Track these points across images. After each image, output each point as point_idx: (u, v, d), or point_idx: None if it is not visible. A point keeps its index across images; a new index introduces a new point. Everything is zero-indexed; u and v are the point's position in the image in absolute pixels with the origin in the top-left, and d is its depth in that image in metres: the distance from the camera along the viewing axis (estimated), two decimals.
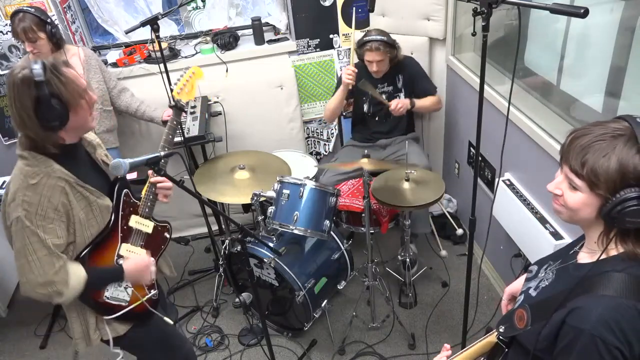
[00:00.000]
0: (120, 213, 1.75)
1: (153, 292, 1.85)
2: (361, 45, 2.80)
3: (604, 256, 1.09)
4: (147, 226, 1.82)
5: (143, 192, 1.81)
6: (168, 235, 1.91)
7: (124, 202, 1.76)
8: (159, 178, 1.79)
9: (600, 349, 0.99)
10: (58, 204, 1.53)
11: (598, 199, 1.04)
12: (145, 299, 1.81)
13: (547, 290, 1.19)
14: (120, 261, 1.75)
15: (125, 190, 1.78)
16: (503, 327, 1.24)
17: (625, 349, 0.99)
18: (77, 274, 1.60)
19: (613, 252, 1.08)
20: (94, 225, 1.65)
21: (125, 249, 1.76)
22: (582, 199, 1.07)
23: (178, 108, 1.97)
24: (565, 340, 1.05)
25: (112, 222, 1.71)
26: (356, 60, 3.00)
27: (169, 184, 1.82)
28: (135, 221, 1.79)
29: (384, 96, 2.99)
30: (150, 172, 1.81)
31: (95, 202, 1.63)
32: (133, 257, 1.76)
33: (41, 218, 1.51)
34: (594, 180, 1.02)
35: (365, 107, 3.05)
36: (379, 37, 2.74)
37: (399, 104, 2.86)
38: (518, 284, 1.46)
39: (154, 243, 1.85)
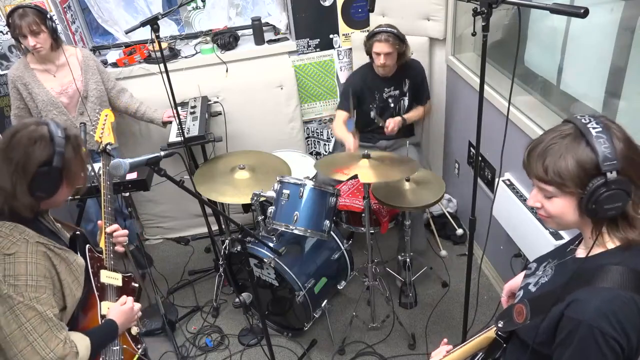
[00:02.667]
0: (91, 270, 1.61)
1: (140, 347, 1.72)
2: (370, 36, 2.79)
3: (601, 249, 1.10)
4: (117, 279, 1.70)
5: (102, 245, 1.71)
6: (136, 285, 1.78)
7: (90, 258, 1.63)
8: (114, 227, 1.71)
9: (599, 339, 1.00)
10: (45, 270, 1.38)
11: (572, 197, 1.08)
12: (140, 353, 1.68)
13: (547, 285, 1.21)
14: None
15: (87, 246, 1.64)
16: (502, 322, 1.25)
17: (623, 340, 1.00)
18: (82, 340, 1.45)
19: (609, 245, 1.10)
20: (77, 287, 1.50)
21: (106, 307, 1.62)
22: (560, 204, 1.10)
23: (107, 153, 1.89)
24: (564, 332, 1.06)
25: (85, 282, 1.57)
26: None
27: (125, 231, 1.74)
28: (106, 276, 1.67)
29: (390, 100, 2.99)
30: (100, 222, 1.73)
31: (74, 263, 1.49)
32: (112, 307, 1.62)
33: (33, 289, 1.34)
34: (559, 181, 1.07)
35: (372, 114, 3.04)
36: (389, 30, 2.73)
37: (394, 125, 2.89)
38: (517, 280, 1.48)
39: (125, 295, 1.72)
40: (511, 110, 2.19)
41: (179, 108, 2.56)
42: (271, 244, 2.53)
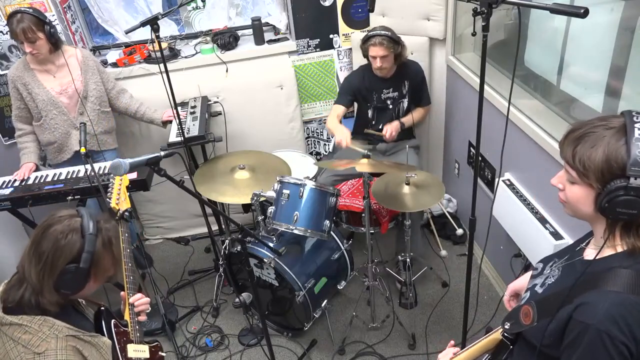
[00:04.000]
0: (118, 347, 1.54)
1: None
2: (365, 40, 2.79)
3: (611, 252, 1.09)
4: (144, 351, 1.64)
5: (126, 316, 1.65)
6: (163, 353, 1.72)
7: (117, 333, 1.56)
8: (136, 296, 1.64)
9: (607, 343, 0.99)
10: None
11: (591, 190, 1.06)
12: None
13: (554, 286, 1.20)
14: None
15: (113, 321, 1.57)
16: (508, 324, 1.24)
17: (632, 345, 1.00)
18: None
19: (620, 248, 1.08)
20: None
21: None
22: (579, 192, 1.09)
23: (124, 219, 1.84)
24: (571, 335, 1.05)
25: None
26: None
27: (147, 298, 1.67)
28: (133, 350, 1.60)
29: (388, 102, 2.99)
30: (123, 294, 1.66)
31: (103, 346, 1.43)
32: None
33: None
34: (582, 170, 1.05)
35: (370, 113, 3.04)
36: (383, 32, 2.73)
37: (392, 131, 2.88)
38: (521, 282, 1.46)
39: None
40: (511, 110, 2.19)
41: (179, 108, 2.56)
42: (271, 244, 2.53)
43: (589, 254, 1.17)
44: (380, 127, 3.05)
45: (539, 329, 1.13)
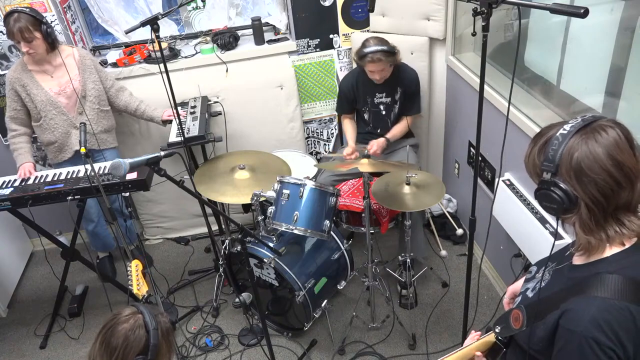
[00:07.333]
0: None
1: None
2: (362, 57, 2.75)
3: (599, 257, 1.08)
4: None
5: None
6: None
7: None
8: None
9: (595, 350, 0.99)
10: None
11: None
12: None
13: (544, 291, 1.19)
14: None
15: None
16: (499, 328, 1.24)
17: (619, 350, 0.99)
18: None
19: (606, 253, 1.08)
20: None
21: None
22: None
23: (148, 302, 1.93)
24: (560, 343, 1.05)
25: None
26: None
27: None
28: None
29: (381, 107, 2.98)
30: None
31: None
32: None
33: None
34: (527, 169, 1.12)
35: (366, 116, 3.04)
36: (379, 48, 2.68)
37: (378, 149, 2.85)
38: (520, 283, 1.46)
39: None
40: (511, 110, 2.19)
41: (179, 108, 2.56)
42: (271, 244, 2.53)
43: (576, 260, 1.16)
44: (379, 130, 3.06)
45: (529, 333, 1.13)
